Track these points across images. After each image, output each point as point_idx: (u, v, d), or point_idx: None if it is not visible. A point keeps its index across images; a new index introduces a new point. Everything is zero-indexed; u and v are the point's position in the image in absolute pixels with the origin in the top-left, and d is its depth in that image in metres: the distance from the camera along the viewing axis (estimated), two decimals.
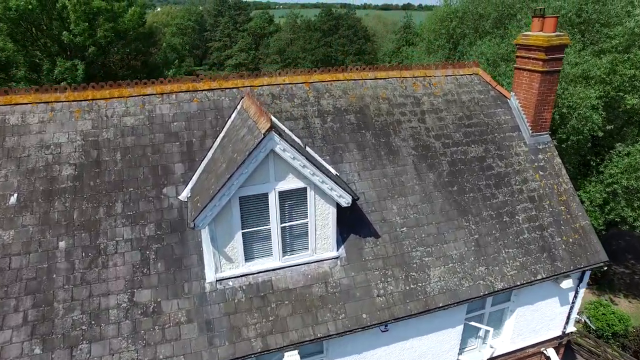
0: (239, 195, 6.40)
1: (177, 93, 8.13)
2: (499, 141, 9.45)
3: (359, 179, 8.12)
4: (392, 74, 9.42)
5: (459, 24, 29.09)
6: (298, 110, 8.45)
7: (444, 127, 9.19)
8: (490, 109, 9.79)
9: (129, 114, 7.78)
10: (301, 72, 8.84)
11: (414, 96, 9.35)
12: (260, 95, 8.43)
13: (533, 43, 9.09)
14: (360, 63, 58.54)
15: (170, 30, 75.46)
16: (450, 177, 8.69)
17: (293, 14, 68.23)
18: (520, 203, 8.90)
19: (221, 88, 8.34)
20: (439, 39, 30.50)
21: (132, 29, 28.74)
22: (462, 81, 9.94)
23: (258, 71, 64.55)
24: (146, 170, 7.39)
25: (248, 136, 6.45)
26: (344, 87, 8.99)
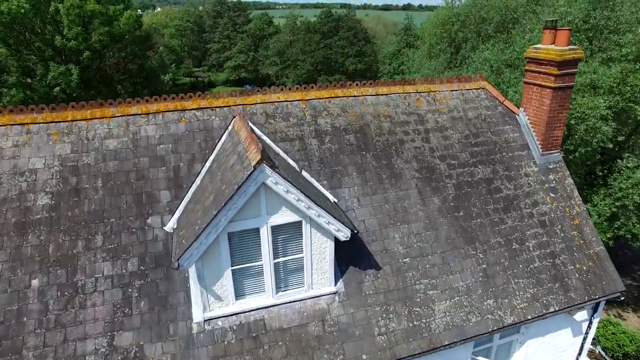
0: (228, 231, 5.86)
1: (163, 113, 7.59)
2: (507, 161, 8.90)
3: (359, 206, 7.58)
4: (395, 89, 8.88)
5: (461, 28, 28.53)
6: (294, 131, 7.90)
7: (449, 146, 8.65)
8: (498, 126, 9.24)
9: (112, 136, 7.23)
10: (297, 89, 8.29)
11: (418, 113, 8.80)
12: (253, 114, 7.89)
13: (544, 57, 8.55)
14: (360, 65, 58.04)
15: (169, 31, 74.95)
16: (456, 202, 8.15)
17: (293, 15, 67.69)
18: (531, 228, 8.36)
19: (211, 107, 7.80)
20: (441, 42, 29.94)
21: (127, 33, 28.19)
22: (469, 96, 9.40)
23: (256, 72, 63.97)
24: (129, 198, 6.85)
25: (238, 165, 5.91)
26: (343, 104, 8.44)
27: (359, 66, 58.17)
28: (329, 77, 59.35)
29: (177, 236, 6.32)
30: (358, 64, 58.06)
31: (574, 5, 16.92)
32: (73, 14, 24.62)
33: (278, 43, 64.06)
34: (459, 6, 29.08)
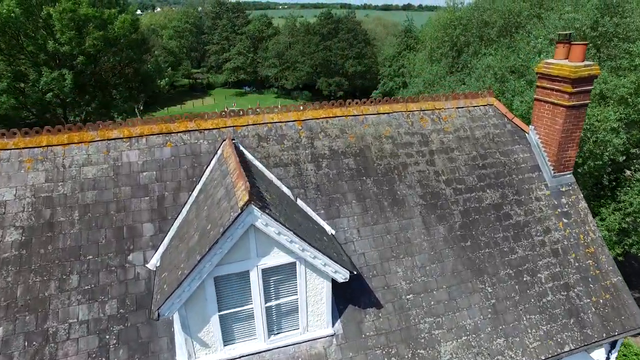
0: (214, 275, 5.29)
1: (147, 136, 7.02)
2: (517, 184, 8.33)
3: (359, 237, 7.01)
4: (397, 107, 8.31)
5: (463, 32, 27.97)
6: (288, 155, 7.33)
7: (455, 169, 8.08)
8: (506, 145, 8.68)
9: (91, 162, 6.67)
10: (292, 109, 7.72)
11: (422, 133, 8.23)
12: (244, 136, 7.32)
13: (557, 73, 7.98)
14: (360, 67, 57.44)
15: (167, 33, 74.39)
16: (463, 230, 7.58)
17: (292, 16, 67.13)
18: (543, 258, 7.79)
19: (199, 129, 7.22)
20: (442, 46, 29.36)
21: (123, 37, 27.62)
22: (476, 114, 8.83)
23: (255, 74, 63.38)
24: (109, 232, 6.28)
25: (225, 202, 5.34)
26: (341, 124, 7.87)
27: (359, 68, 57.60)
28: (329, 79, 58.85)
29: (159, 278, 5.76)
30: (358, 66, 57.49)
31: (581, 12, 16.36)
32: (66, 18, 24.06)
33: (277, 45, 63.50)
34: (461, 9, 28.50)
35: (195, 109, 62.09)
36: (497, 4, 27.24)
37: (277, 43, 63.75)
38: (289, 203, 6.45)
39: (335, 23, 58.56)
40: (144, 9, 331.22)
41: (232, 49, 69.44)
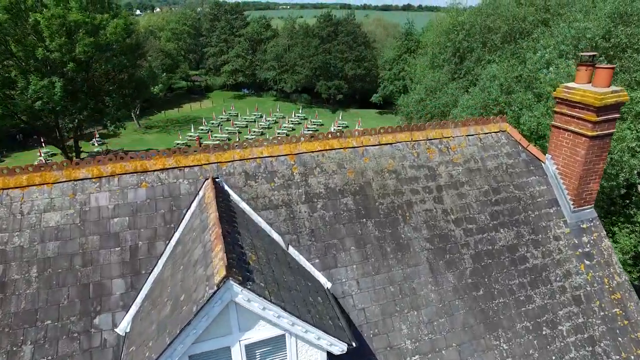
0: (189, 354, 4.49)
1: (119, 176, 6.21)
2: (533, 221, 7.53)
3: (358, 289, 6.21)
4: (401, 137, 7.50)
5: (466, 37, 27.16)
6: (279, 195, 6.53)
7: (465, 207, 7.27)
8: (521, 177, 7.87)
9: (54, 208, 5.86)
10: (284, 141, 6.91)
11: (429, 166, 7.43)
12: (229, 174, 6.51)
13: (580, 100, 7.17)
14: (359, 70, 56.63)
15: (165, 35, 73.55)
16: (475, 277, 6.78)
17: (291, 18, 66.32)
18: (563, 307, 6.99)
19: (179, 167, 6.42)
20: (444, 52, 28.56)
21: (115, 42, 26.80)
22: (487, 142, 8.02)
23: (254, 76, 62.33)
24: (73, 291, 5.48)
25: (201, 269, 4.54)
26: (339, 158, 7.07)
27: (359, 71, 56.80)
28: (328, 83, 58.04)
29: (127, 351, 4.95)
30: (357, 69, 56.70)
31: (593, 21, 15.56)
32: (55, 24, 23.24)
33: (276, 47, 62.70)
34: (464, 14, 27.69)
35: (193, 112, 61.30)
36: (501, 9, 26.45)
37: (275, 45, 62.95)
38: (279, 257, 5.64)
39: (334, 25, 57.77)
40: (143, 10, 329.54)
41: (230, 51, 68.65)
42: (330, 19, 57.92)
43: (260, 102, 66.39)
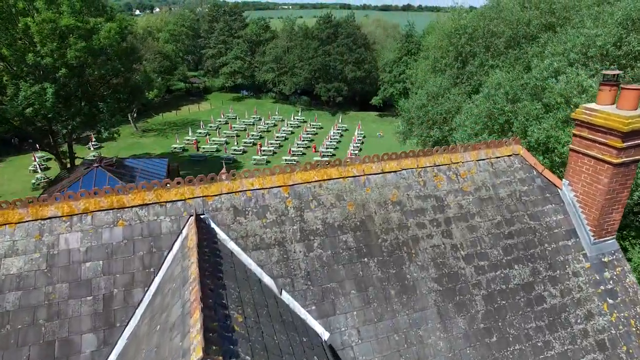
0: None
1: (93, 213, 5.57)
2: (550, 255, 6.89)
3: (359, 339, 5.57)
4: (406, 163, 6.86)
5: (468, 42, 26.52)
6: (272, 233, 5.89)
7: (477, 241, 6.63)
8: (536, 206, 7.23)
9: (16, 252, 5.22)
10: (277, 171, 6.27)
11: (436, 196, 6.79)
12: (217, 210, 5.87)
13: (603, 123, 6.53)
14: (359, 72, 55.99)
15: (163, 36, 72.92)
16: (487, 321, 6.14)
17: (290, 20, 65.67)
18: (586, 354, 6.35)
19: (160, 202, 5.78)
20: (446, 56, 27.90)
21: (109, 47, 26.14)
22: (499, 167, 7.38)
23: (253, 78, 61.76)
24: (34, 351, 4.83)
25: (177, 336, 3.90)
26: (338, 189, 6.42)
27: (358, 74, 56.15)
28: (327, 85, 57.40)
29: None
30: (357, 71, 56.05)
31: (603, 28, 14.91)
32: (46, 29, 22.59)
33: (275, 49, 62.05)
34: (466, 17, 27.00)
35: (191, 114, 60.64)
36: (504, 12, 25.82)
37: (274, 47, 62.30)
38: (270, 309, 5.00)
39: (334, 27, 57.12)
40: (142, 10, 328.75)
41: (229, 52, 68.01)
42: (330, 20, 57.27)
43: (259, 105, 65.76)
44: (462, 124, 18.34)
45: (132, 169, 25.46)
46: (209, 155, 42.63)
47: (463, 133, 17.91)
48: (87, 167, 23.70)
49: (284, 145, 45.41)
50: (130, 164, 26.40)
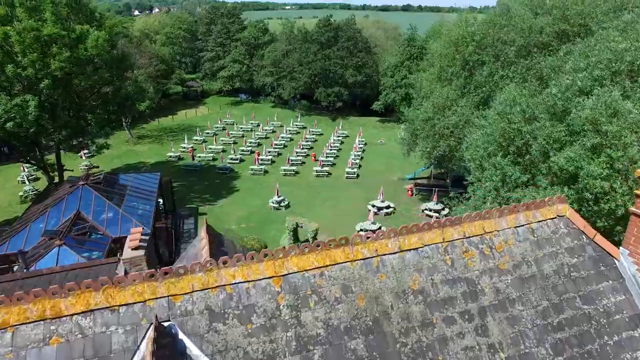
0: None
1: (16, 327, 4.16)
2: (612, 352, 5.49)
3: None
4: (429, 237, 5.46)
5: (476, 50, 25.12)
6: (258, 343, 4.49)
7: (518, 337, 5.24)
8: (589, 284, 5.84)
9: None
10: (264, 257, 4.86)
11: (467, 279, 5.39)
12: (186, 314, 4.47)
13: None
14: (360, 77, 54.58)
15: (160, 38, 71.48)
16: None
17: (289, 22, 64.24)
18: None
19: (111, 306, 4.37)
20: (452, 65, 26.46)
21: (97, 56, 24.71)
22: (542, 234, 5.99)
23: (251, 82, 60.25)
24: None
25: None
26: (344, 277, 5.02)
27: (359, 78, 54.70)
28: (327, 90, 55.97)
29: None
30: (358, 76, 54.60)
31: (633, 41, 13.52)
32: (28, 39, 21.17)
33: (274, 52, 60.60)
34: (474, 24, 25.51)
35: (188, 119, 59.22)
36: (515, 19, 24.42)
37: (273, 51, 60.85)
38: None
39: (334, 30, 55.63)
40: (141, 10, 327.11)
41: (226, 56, 66.56)
42: (330, 23, 55.75)
43: (257, 109, 64.34)
44: (474, 144, 16.95)
45: (121, 186, 24.04)
46: (205, 164, 41.17)
47: (475, 153, 16.52)
48: (72, 185, 22.27)
49: (282, 154, 44.00)
50: (120, 180, 24.98)
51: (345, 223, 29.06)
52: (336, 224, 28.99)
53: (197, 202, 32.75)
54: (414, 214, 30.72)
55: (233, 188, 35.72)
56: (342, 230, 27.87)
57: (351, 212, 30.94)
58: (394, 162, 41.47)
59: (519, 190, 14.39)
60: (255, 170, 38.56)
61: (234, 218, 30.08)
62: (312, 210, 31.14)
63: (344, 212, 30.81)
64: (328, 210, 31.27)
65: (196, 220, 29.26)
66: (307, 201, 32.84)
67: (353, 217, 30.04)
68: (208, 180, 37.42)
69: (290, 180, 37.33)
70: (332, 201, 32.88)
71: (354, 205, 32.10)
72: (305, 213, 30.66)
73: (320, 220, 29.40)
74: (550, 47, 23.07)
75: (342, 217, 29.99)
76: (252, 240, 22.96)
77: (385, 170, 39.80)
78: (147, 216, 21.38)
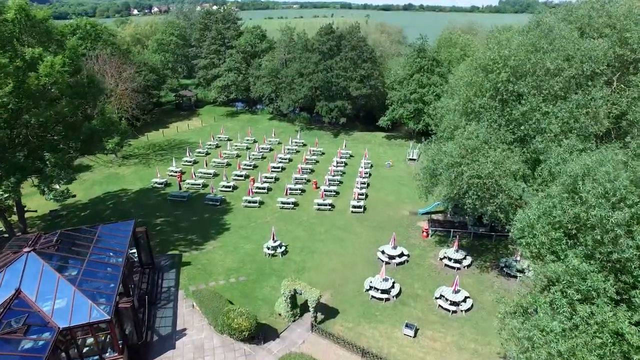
0: None
1: None
2: None
3: None
4: None
5: (511, 78, 20.76)
6: None
7: None
8: None
9: None
10: None
11: None
12: None
13: None
14: (365, 90, 50.17)
15: (151, 45, 67.18)
16: None
17: (289, 28, 59.86)
18: None
19: None
20: (481, 95, 22.05)
21: (53, 85, 20.39)
22: None
23: (248, 91, 56.01)
24: None
25: None
26: None
27: (364, 91, 50.31)
28: (329, 104, 51.63)
29: None
30: (363, 89, 50.19)
31: None
32: None
33: (272, 62, 56.28)
34: (508, 45, 20.86)
35: (180, 134, 54.90)
36: (557, 42, 20.08)
37: (271, 60, 56.52)
38: None
39: (337, 39, 51.20)
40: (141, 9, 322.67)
41: (222, 64, 62.24)
42: (332, 31, 51.26)
43: (254, 121, 60.10)
44: (528, 221, 12.65)
45: (82, 246, 19.78)
46: (194, 193, 36.93)
47: (531, 239, 12.24)
48: (15, 251, 18.02)
49: (280, 178, 39.74)
50: (82, 236, 20.69)
51: (352, 277, 24.78)
52: (342, 279, 24.73)
53: (182, 245, 28.46)
54: (431, 263, 26.42)
55: (223, 225, 31.44)
56: (349, 290, 23.60)
57: (359, 260, 26.63)
58: (403, 191, 37.19)
59: (603, 306, 10.14)
60: (249, 201, 34.30)
61: (222, 269, 25.81)
62: (313, 259, 26.86)
63: (350, 262, 26.49)
64: (331, 259, 26.92)
65: (178, 274, 24.96)
66: (307, 245, 28.54)
67: (361, 268, 25.78)
68: (196, 214, 33.15)
69: (288, 214, 33.04)
70: (335, 244, 28.56)
71: (362, 250, 27.80)
72: (305, 262, 26.40)
73: (322, 274, 25.16)
74: (605, 77, 18.81)
75: (349, 269, 25.69)
76: (240, 317, 18.67)
77: (394, 201, 35.48)
78: (109, 296, 17.09)
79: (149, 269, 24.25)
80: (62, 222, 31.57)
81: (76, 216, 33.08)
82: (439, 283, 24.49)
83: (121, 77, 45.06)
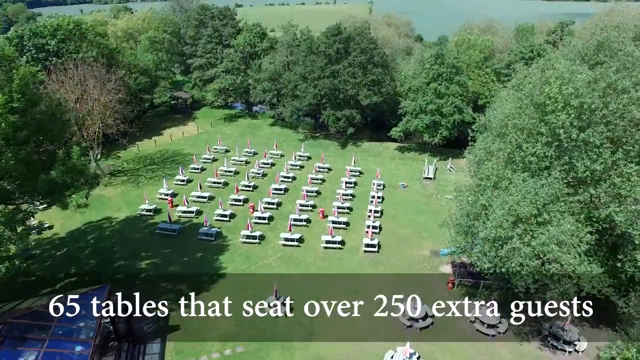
0: None
1: None
2: None
3: None
4: None
5: (574, 122, 16.17)
6: None
7: None
8: None
9: None
10: None
11: None
12: None
13: None
14: (375, 98, 45.58)
15: (142, 44, 62.26)
16: None
17: (291, 26, 54.94)
18: None
19: None
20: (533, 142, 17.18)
21: None
22: None
23: (247, 94, 51.02)
24: None
25: None
26: None
27: (375, 99, 45.75)
28: (336, 112, 47.10)
29: None
30: (373, 97, 45.62)
31: None
32: None
33: (273, 64, 51.56)
34: (573, 79, 16.13)
35: (173, 144, 50.55)
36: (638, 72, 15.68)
37: (272, 62, 51.81)
38: None
39: (345, 41, 46.39)
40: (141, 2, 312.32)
41: (219, 64, 57.48)
42: (340, 32, 46.39)
43: (254, 126, 55.73)
44: None
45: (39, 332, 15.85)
46: (185, 223, 32.87)
47: None
48: None
49: (283, 203, 35.60)
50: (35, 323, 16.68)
51: (369, 349, 20.74)
52: (356, 351, 20.79)
53: (170, 298, 24.40)
54: (461, 327, 22.43)
55: (219, 269, 27.46)
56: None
57: (375, 325, 22.45)
58: (421, 221, 33.05)
59: None
60: (248, 236, 30.24)
61: (216, 335, 21.89)
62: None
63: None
64: (344, 320, 22.72)
65: (163, 347, 21.00)
66: (315, 297, 24.24)
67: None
68: (187, 253, 29.13)
69: (292, 254, 29.00)
70: (346, 297, 24.10)
71: (378, 307, 23.41)
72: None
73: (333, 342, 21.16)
74: None
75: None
76: None
77: (411, 235, 31.34)
78: None
79: (127, 342, 20.28)
80: (33, 265, 27.50)
81: (51, 256, 29.00)
82: (472, 357, 20.59)
83: (105, 88, 40.53)
